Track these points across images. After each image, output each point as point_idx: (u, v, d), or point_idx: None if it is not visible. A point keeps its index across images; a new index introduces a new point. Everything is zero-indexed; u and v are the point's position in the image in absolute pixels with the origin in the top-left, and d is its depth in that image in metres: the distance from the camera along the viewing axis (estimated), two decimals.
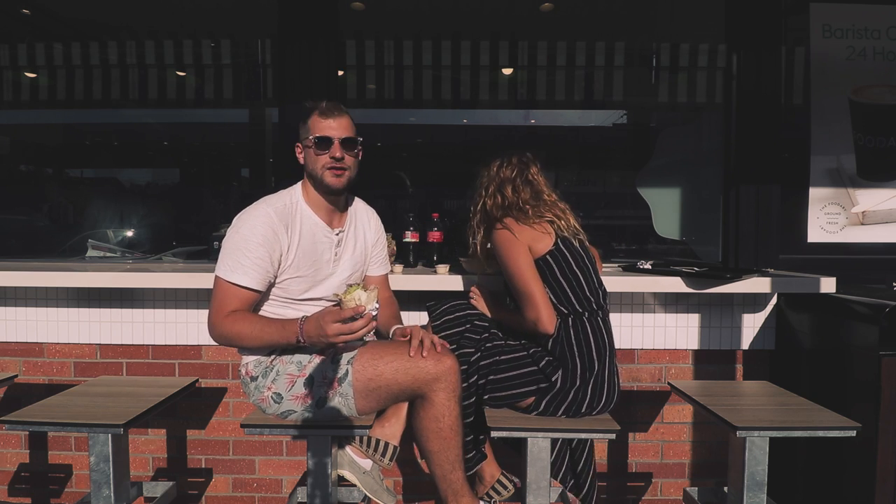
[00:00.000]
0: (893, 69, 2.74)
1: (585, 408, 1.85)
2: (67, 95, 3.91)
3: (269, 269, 1.75)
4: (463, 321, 1.96)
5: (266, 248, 1.73)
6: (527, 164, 2.01)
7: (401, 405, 1.90)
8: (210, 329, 1.76)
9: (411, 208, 2.75)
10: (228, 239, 1.76)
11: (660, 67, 3.92)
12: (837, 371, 2.14)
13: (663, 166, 3.34)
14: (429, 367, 1.70)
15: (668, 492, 2.56)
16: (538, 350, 1.89)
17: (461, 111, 4.75)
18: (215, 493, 2.55)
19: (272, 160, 4.43)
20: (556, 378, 1.84)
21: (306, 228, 1.83)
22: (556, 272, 1.88)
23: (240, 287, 1.72)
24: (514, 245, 1.87)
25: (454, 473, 1.78)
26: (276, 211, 1.78)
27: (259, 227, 1.73)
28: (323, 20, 2.69)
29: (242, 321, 1.71)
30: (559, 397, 1.84)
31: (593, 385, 1.85)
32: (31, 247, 4.42)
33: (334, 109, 1.83)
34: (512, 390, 1.87)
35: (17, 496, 2.56)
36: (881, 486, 1.91)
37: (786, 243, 2.72)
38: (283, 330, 1.69)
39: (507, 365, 1.88)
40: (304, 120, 1.85)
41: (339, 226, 1.92)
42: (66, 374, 2.51)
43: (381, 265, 2.08)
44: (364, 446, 1.90)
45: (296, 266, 1.80)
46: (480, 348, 1.91)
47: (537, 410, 1.86)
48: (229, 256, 1.73)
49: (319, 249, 1.85)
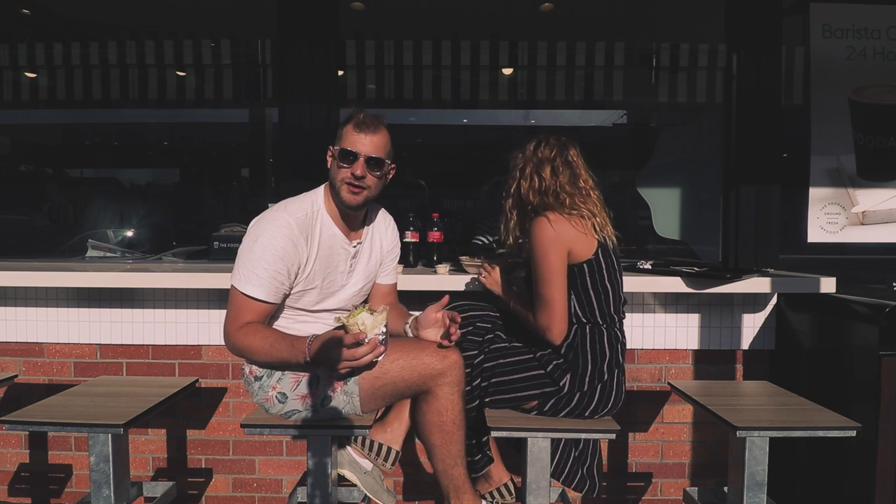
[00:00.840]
0: (893, 69, 2.74)
1: (589, 412, 1.83)
2: (67, 95, 3.91)
3: (285, 282, 1.71)
4: (465, 323, 1.91)
5: (284, 262, 1.68)
6: (566, 146, 1.90)
7: (402, 408, 1.90)
8: (224, 338, 1.73)
9: (411, 208, 2.75)
10: (246, 247, 1.70)
11: (660, 67, 3.92)
12: (837, 371, 2.14)
13: (663, 166, 3.35)
14: (434, 362, 1.71)
15: (668, 492, 2.56)
16: (546, 353, 1.84)
17: (461, 111, 4.75)
18: (215, 493, 2.55)
19: (272, 160, 4.44)
20: (563, 382, 1.81)
21: (325, 240, 1.78)
22: (588, 282, 1.81)
23: (252, 299, 1.68)
24: (553, 244, 1.76)
25: (456, 469, 1.78)
26: (297, 221, 1.71)
27: (279, 240, 1.68)
28: (323, 20, 2.69)
29: (255, 335, 1.68)
30: (563, 400, 1.82)
31: (601, 391, 1.83)
32: (31, 247, 4.43)
33: (371, 124, 1.73)
34: (515, 393, 1.85)
35: (17, 496, 2.56)
36: (881, 486, 1.91)
37: (786, 243, 2.72)
38: (292, 349, 1.65)
39: (511, 367, 1.85)
40: (342, 125, 1.77)
41: (356, 238, 1.87)
42: (66, 374, 2.51)
43: (390, 275, 2.03)
44: (366, 449, 1.89)
45: (311, 278, 1.76)
46: (484, 350, 1.88)
47: (540, 411, 1.85)
48: (245, 266, 1.68)
49: (335, 261, 1.81)
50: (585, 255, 1.80)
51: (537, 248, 1.77)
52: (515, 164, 1.92)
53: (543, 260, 1.77)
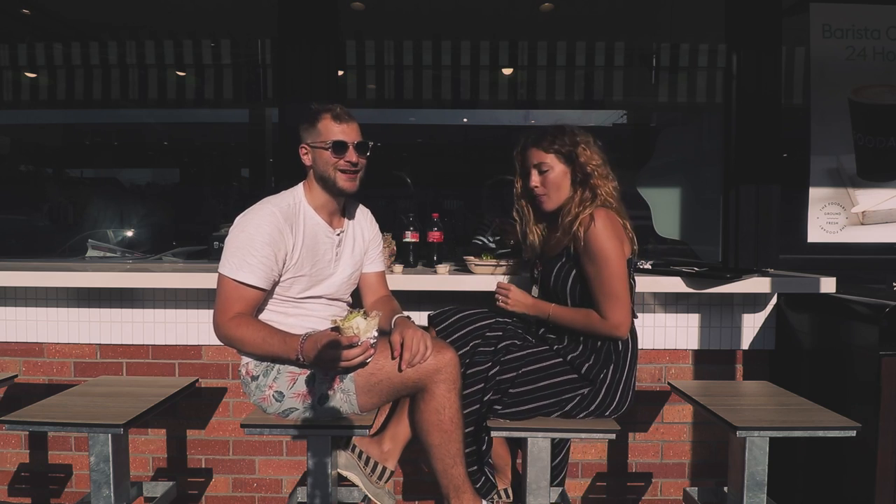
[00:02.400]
0: (893, 69, 2.74)
1: (610, 412, 1.84)
2: (67, 95, 3.92)
3: (274, 268, 1.75)
4: (472, 336, 1.87)
5: (272, 247, 1.73)
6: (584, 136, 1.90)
7: (400, 425, 1.92)
8: (215, 329, 1.76)
9: (411, 208, 2.75)
10: (233, 238, 1.75)
11: (660, 67, 3.92)
12: (837, 371, 2.14)
13: (663, 166, 3.35)
14: (429, 360, 1.71)
15: (668, 492, 2.56)
16: (577, 355, 1.82)
17: (461, 111, 4.76)
18: (215, 493, 2.55)
19: (272, 160, 4.44)
20: (601, 378, 1.81)
21: (309, 229, 1.84)
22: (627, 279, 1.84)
23: (246, 286, 1.71)
24: (617, 237, 1.76)
25: (455, 468, 1.78)
26: (280, 210, 1.78)
27: (265, 226, 1.74)
28: (323, 20, 2.69)
29: (247, 327, 1.71)
30: (587, 400, 1.81)
31: (622, 387, 1.84)
32: (31, 247, 4.43)
33: (346, 114, 1.85)
34: (541, 402, 1.81)
35: (17, 496, 2.56)
36: (881, 486, 1.91)
37: (786, 243, 2.72)
38: (284, 344, 1.69)
39: (535, 375, 1.81)
40: (312, 123, 1.83)
41: (339, 226, 1.93)
42: (66, 374, 2.51)
43: (376, 262, 2.08)
44: (362, 463, 1.89)
45: (298, 266, 1.81)
46: (498, 361, 1.83)
47: (561, 410, 1.83)
48: (234, 255, 1.72)
49: (321, 250, 1.86)
50: (629, 251, 1.84)
51: (606, 241, 1.75)
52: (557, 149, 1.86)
53: (615, 254, 1.75)
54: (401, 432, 1.92)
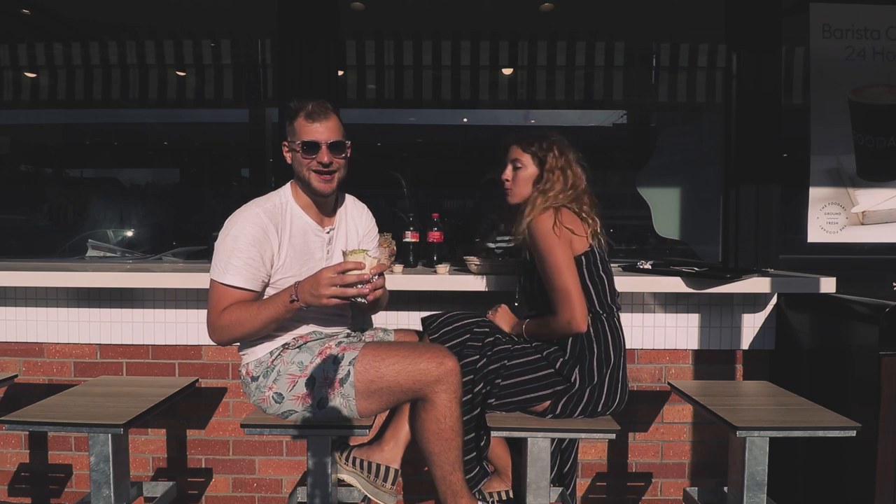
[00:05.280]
0: (893, 69, 2.74)
1: (602, 406, 1.84)
2: (67, 95, 3.92)
3: (261, 269, 1.74)
4: (462, 331, 1.91)
5: (257, 248, 1.72)
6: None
7: (400, 425, 1.92)
8: (210, 332, 1.75)
9: (411, 208, 2.75)
10: (219, 242, 1.75)
11: (660, 67, 3.92)
12: (837, 371, 2.14)
13: (663, 166, 3.34)
14: (431, 369, 1.71)
15: (668, 492, 2.56)
16: (552, 351, 1.85)
17: (461, 111, 4.75)
18: (215, 493, 2.55)
19: (272, 160, 4.44)
20: (574, 377, 1.81)
21: (297, 228, 1.82)
22: (585, 274, 1.85)
23: (234, 288, 1.71)
24: (560, 233, 1.82)
25: (454, 475, 1.78)
26: (265, 211, 1.77)
27: (248, 228, 1.73)
28: (323, 20, 2.69)
29: (236, 310, 1.70)
30: (576, 398, 1.82)
31: (609, 382, 1.84)
32: (31, 247, 4.43)
33: (321, 112, 1.79)
34: (526, 395, 1.84)
35: (17, 496, 2.56)
36: (881, 486, 1.92)
37: (786, 243, 2.71)
38: (276, 301, 1.68)
39: (519, 369, 1.85)
40: (290, 121, 1.82)
41: (329, 224, 1.92)
42: (66, 374, 2.51)
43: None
44: (365, 472, 1.88)
45: (287, 266, 1.79)
46: (486, 353, 1.87)
47: (553, 413, 1.84)
48: (220, 259, 1.73)
49: (311, 249, 1.85)
50: (581, 248, 1.86)
51: (543, 237, 1.81)
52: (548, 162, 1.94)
53: (554, 248, 1.80)
54: (402, 433, 1.91)
